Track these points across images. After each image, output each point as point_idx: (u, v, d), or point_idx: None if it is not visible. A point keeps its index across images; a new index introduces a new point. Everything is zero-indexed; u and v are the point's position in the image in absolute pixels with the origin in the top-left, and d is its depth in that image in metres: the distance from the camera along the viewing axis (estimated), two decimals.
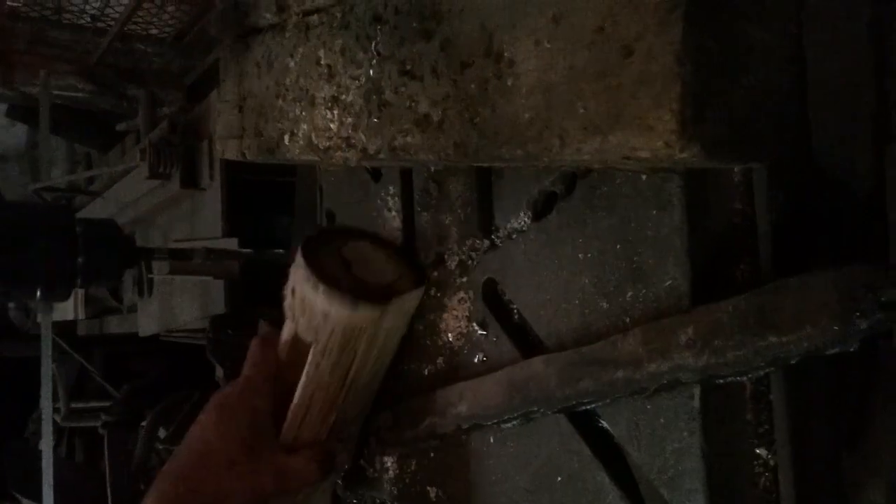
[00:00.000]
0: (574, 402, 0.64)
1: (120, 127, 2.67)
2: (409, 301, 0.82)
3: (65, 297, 0.67)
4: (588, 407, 0.64)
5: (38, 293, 0.66)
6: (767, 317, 0.49)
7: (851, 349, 0.47)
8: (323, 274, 0.76)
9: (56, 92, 2.79)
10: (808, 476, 0.54)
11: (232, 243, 1.92)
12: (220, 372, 2.18)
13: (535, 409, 0.68)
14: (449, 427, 0.78)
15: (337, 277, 0.76)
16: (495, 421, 0.72)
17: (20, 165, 3.54)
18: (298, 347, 0.82)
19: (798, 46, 0.52)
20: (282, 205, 2.08)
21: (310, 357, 0.79)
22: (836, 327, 0.46)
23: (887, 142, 0.52)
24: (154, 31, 2.89)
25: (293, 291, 0.79)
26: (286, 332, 0.84)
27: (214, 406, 0.82)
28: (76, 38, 2.87)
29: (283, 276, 2.06)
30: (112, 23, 2.67)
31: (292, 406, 0.81)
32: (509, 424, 0.72)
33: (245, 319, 2.11)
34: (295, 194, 2.07)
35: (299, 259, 0.78)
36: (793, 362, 0.49)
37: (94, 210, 2.51)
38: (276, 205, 2.13)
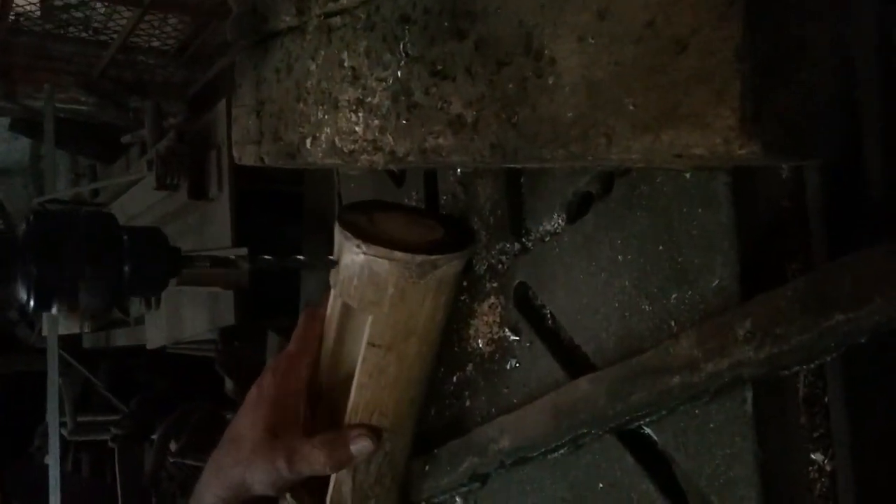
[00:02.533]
0: (627, 418, 0.62)
1: (125, 139, 2.66)
2: (454, 262, 0.79)
3: (110, 307, 0.67)
4: (642, 422, 0.62)
5: (84, 303, 0.64)
6: (830, 295, 0.47)
7: None
8: (364, 237, 0.75)
9: (59, 105, 2.78)
10: (869, 481, 0.52)
11: (241, 253, 1.90)
12: (229, 384, 2.17)
13: (585, 431, 0.66)
14: (491, 466, 0.76)
15: (379, 238, 0.75)
16: (542, 451, 0.70)
17: (24, 179, 3.53)
18: (347, 318, 0.82)
19: (848, 43, 0.51)
20: (290, 214, 2.07)
21: (367, 327, 0.77)
22: None
23: None
24: (156, 44, 2.88)
25: (336, 263, 0.78)
26: (331, 304, 0.83)
27: (249, 395, 0.84)
28: (79, 50, 2.86)
29: (292, 287, 2.04)
30: (115, 35, 2.66)
31: (353, 385, 0.80)
32: (556, 454, 0.70)
33: (254, 331, 2.10)
34: (304, 203, 2.06)
35: (337, 229, 0.77)
36: (862, 340, 0.48)
37: None
38: (285, 214, 2.12)
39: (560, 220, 0.71)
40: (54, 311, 0.65)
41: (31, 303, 0.64)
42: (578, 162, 0.54)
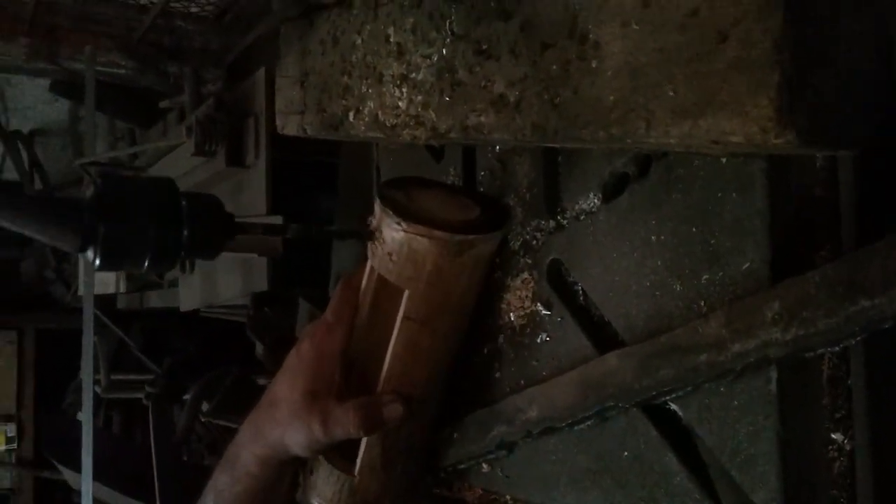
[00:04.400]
0: (654, 393, 0.64)
1: (163, 104, 2.70)
2: (491, 242, 0.81)
3: (171, 268, 0.70)
4: (668, 397, 0.64)
5: (147, 263, 0.68)
6: (857, 281, 0.49)
7: None
8: (405, 214, 0.77)
9: (99, 68, 2.82)
10: (886, 462, 0.54)
11: (277, 221, 1.93)
12: (259, 349, 2.21)
13: (612, 404, 0.68)
14: (518, 435, 0.78)
15: (419, 216, 0.77)
16: (569, 422, 0.73)
17: (62, 140, 3.58)
18: (382, 291, 0.84)
19: (886, 35, 0.52)
20: (326, 184, 2.10)
21: (404, 301, 0.79)
22: None
23: None
24: (195, 9, 2.91)
25: (377, 236, 0.80)
26: (367, 276, 0.85)
27: (288, 360, 0.87)
28: (120, 14, 2.90)
29: (323, 257, 2.07)
30: (155, 0, 2.69)
31: (388, 353, 0.82)
32: (583, 425, 0.72)
33: (285, 298, 2.14)
34: (338, 174, 2.08)
35: (377, 204, 0.79)
36: (887, 326, 0.49)
37: None
38: (319, 184, 2.14)
39: (596, 200, 0.73)
40: (121, 269, 0.68)
41: (98, 262, 0.67)
42: (617, 144, 0.56)
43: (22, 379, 3.71)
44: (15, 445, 3.74)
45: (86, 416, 2.59)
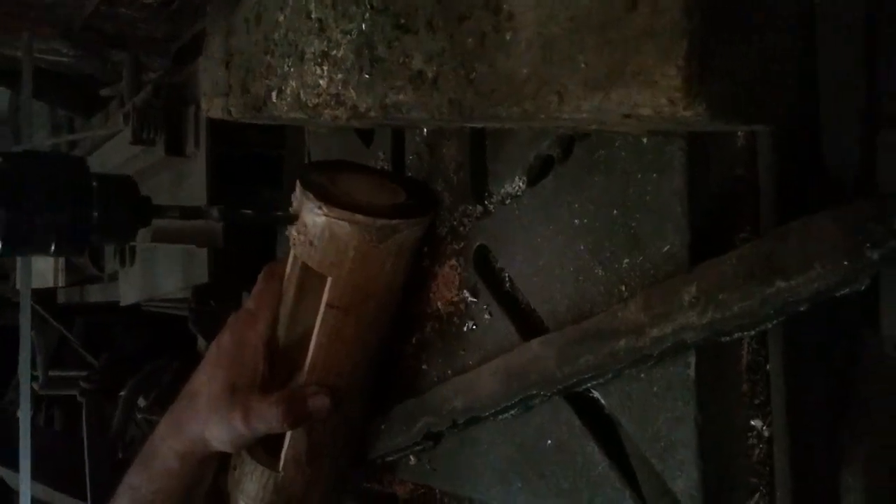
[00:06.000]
0: (575, 381, 0.62)
1: (104, 92, 2.63)
2: (416, 227, 0.79)
3: (80, 253, 0.67)
4: (589, 385, 0.62)
5: (52, 248, 0.64)
6: (773, 262, 0.48)
7: (862, 287, 0.46)
8: (326, 198, 0.75)
9: (39, 55, 2.74)
10: (803, 448, 0.53)
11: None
12: (201, 343, 2.17)
13: (535, 393, 0.66)
14: (444, 424, 0.76)
15: (341, 200, 0.75)
16: (493, 411, 0.71)
17: (2, 129, 3.48)
18: (306, 278, 0.82)
19: (808, 8, 0.51)
20: (270, 178, 2.06)
21: (327, 288, 0.77)
22: (846, 262, 0.45)
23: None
24: None
25: (297, 221, 0.77)
26: (291, 263, 0.83)
27: (209, 352, 0.85)
28: (60, 0, 2.82)
29: (267, 247, 2.03)
30: None
31: (312, 342, 0.80)
32: (507, 414, 0.70)
33: (228, 290, 2.09)
34: (283, 168, 2.05)
35: (298, 188, 0.77)
36: (802, 308, 0.48)
37: None
38: (265, 177, 2.10)
39: (521, 183, 0.71)
40: (25, 254, 0.65)
41: (1, 245, 0.63)
42: (532, 121, 0.54)
43: None
44: None
45: (23, 415, 2.52)
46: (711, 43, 0.43)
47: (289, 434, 0.83)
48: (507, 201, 0.73)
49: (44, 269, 2.68)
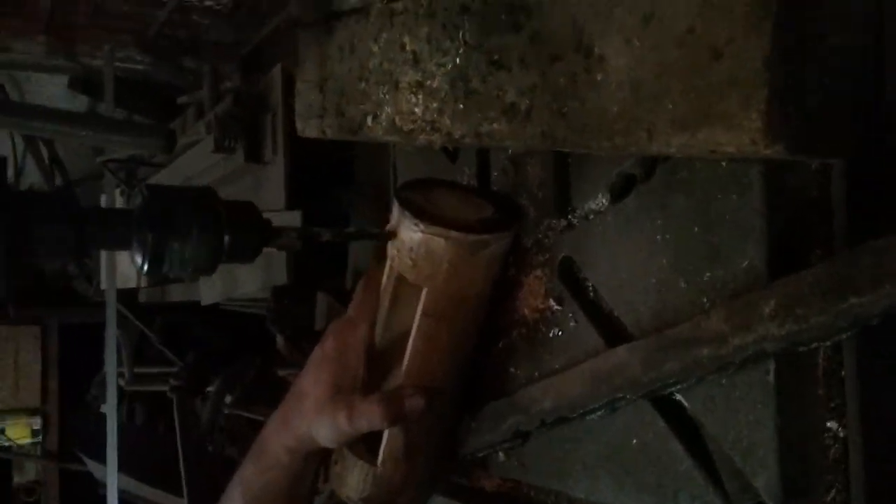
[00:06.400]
0: (660, 385, 0.68)
1: (182, 100, 2.74)
2: (504, 240, 0.85)
3: (211, 273, 0.74)
4: (674, 389, 0.68)
5: (191, 269, 0.72)
6: (847, 280, 0.52)
7: None
8: (422, 216, 0.81)
9: (117, 64, 2.87)
10: (876, 447, 0.58)
11: (295, 216, 1.97)
12: (280, 341, 2.26)
13: (621, 396, 0.72)
14: (533, 424, 0.82)
15: (435, 217, 0.81)
16: (581, 412, 0.76)
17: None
18: (401, 289, 0.88)
19: (876, 46, 0.55)
20: (341, 178, 2.14)
21: (422, 298, 0.83)
22: None
23: None
24: (209, 3, 2.95)
25: (395, 236, 0.84)
26: (387, 274, 0.89)
27: (313, 355, 0.91)
28: (135, 9, 2.94)
29: (342, 249, 2.11)
30: None
31: (408, 348, 0.86)
32: (594, 415, 0.76)
33: (305, 291, 2.18)
34: (354, 169, 2.12)
35: (396, 207, 0.83)
36: (874, 322, 0.53)
37: (159, 182, 2.59)
38: (336, 178, 2.18)
39: (604, 200, 0.77)
40: (166, 275, 0.72)
41: (146, 268, 0.71)
42: (622, 152, 0.59)
43: (46, 373, 3.77)
44: (40, 438, 3.81)
45: (110, 410, 2.65)
46: (789, 88, 0.48)
47: (387, 432, 0.90)
48: (591, 216, 0.78)
49: (127, 271, 2.81)
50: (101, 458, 2.68)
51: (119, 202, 2.77)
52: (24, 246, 0.67)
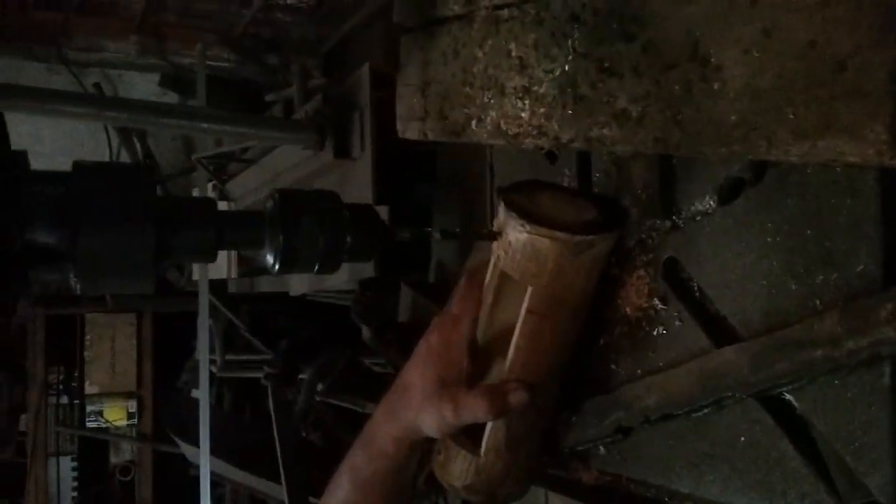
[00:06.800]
0: (769, 385, 0.69)
1: (269, 97, 2.81)
2: (608, 241, 0.86)
3: (335, 271, 0.78)
4: (783, 389, 0.69)
5: (316, 268, 0.76)
6: None
7: None
8: (528, 217, 0.83)
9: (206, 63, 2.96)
10: None
11: (382, 211, 2.02)
12: (365, 332, 2.32)
13: (728, 394, 0.73)
14: (636, 420, 0.84)
15: (540, 218, 0.83)
16: (686, 410, 0.78)
17: (172, 132, 3.76)
18: (504, 286, 0.90)
19: None
20: (423, 173, 2.18)
21: (527, 296, 0.85)
22: None
23: None
24: (292, 1, 3.02)
25: (501, 235, 0.86)
26: (491, 272, 0.92)
27: (419, 349, 0.94)
28: (222, 8, 3.03)
29: (426, 244, 2.14)
30: None
31: (512, 343, 0.88)
32: (700, 413, 0.78)
33: (390, 284, 2.23)
34: (436, 164, 2.16)
35: (502, 208, 0.85)
36: None
37: (249, 177, 2.67)
38: (420, 175, 2.22)
39: (711, 202, 0.78)
40: (294, 272, 0.77)
41: (277, 266, 0.76)
42: (737, 160, 0.61)
43: (141, 359, 3.95)
44: (135, 421, 3.99)
45: (203, 394, 2.75)
46: None
47: (490, 424, 0.93)
48: (698, 218, 0.80)
49: (219, 262, 2.90)
50: (193, 441, 2.79)
51: (211, 196, 2.86)
52: (171, 247, 0.72)
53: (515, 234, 0.85)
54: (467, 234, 0.89)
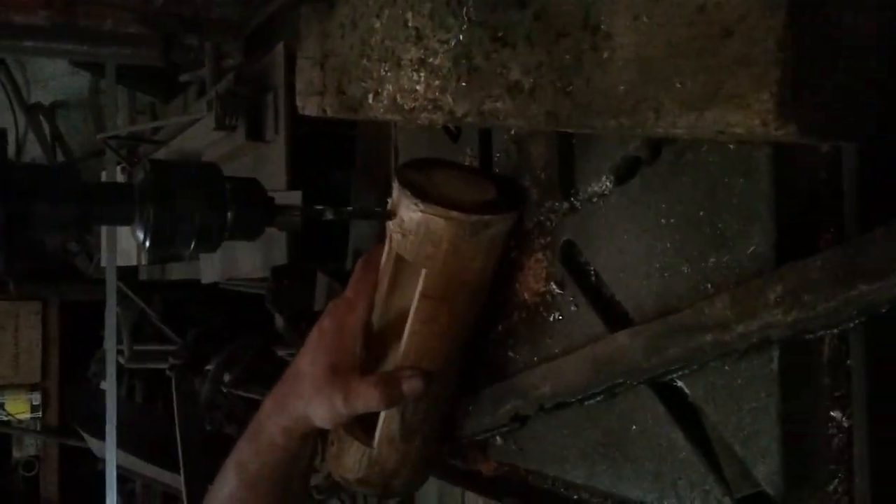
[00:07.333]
0: (661, 371, 0.67)
1: (183, 77, 2.71)
2: (506, 222, 0.83)
3: (214, 249, 0.73)
4: (674, 375, 0.67)
5: (193, 245, 0.71)
6: (857, 266, 0.51)
7: None
8: (422, 195, 0.79)
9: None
10: (882, 439, 0.57)
11: (296, 196, 1.96)
12: (279, 321, 2.26)
13: (621, 381, 0.71)
14: (531, 409, 0.81)
15: (436, 197, 0.80)
16: (580, 398, 0.76)
17: (83, 113, 3.62)
18: (400, 269, 0.87)
19: (893, 26, 0.54)
20: (342, 157, 2.13)
21: (421, 279, 0.82)
22: None
23: None
24: None
25: (394, 216, 0.82)
26: (386, 254, 0.88)
27: (311, 335, 0.90)
28: None
29: (342, 230, 2.09)
30: None
31: (406, 329, 0.85)
32: (593, 400, 0.75)
33: (305, 271, 2.17)
34: (356, 148, 2.11)
35: (396, 186, 0.82)
36: (883, 311, 0.52)
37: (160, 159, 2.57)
38: (336, 157, 2.17)
39: (608, 183, 0.75)
40: (168, 251, 0.71)
41: (147, 244, 0.70)
42: (628, 132, 0.58)
43: (47, 349, 3.79)
44: (40, 414, 3.83)
45: (109, 386, 2.65)
46: (802, 69, 0.46)
47: (383, 413, 0.89)
48: (595, 199, 0.77)
49: (128, 248, 2.80)
50: (101, 435, 2.68)
51: (120, 179, 2.76)
52: (26, 220, 0.66)
53: (409, 214, 0.81)
54: (362, 214, 0.85)
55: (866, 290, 0.51)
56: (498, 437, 0.91)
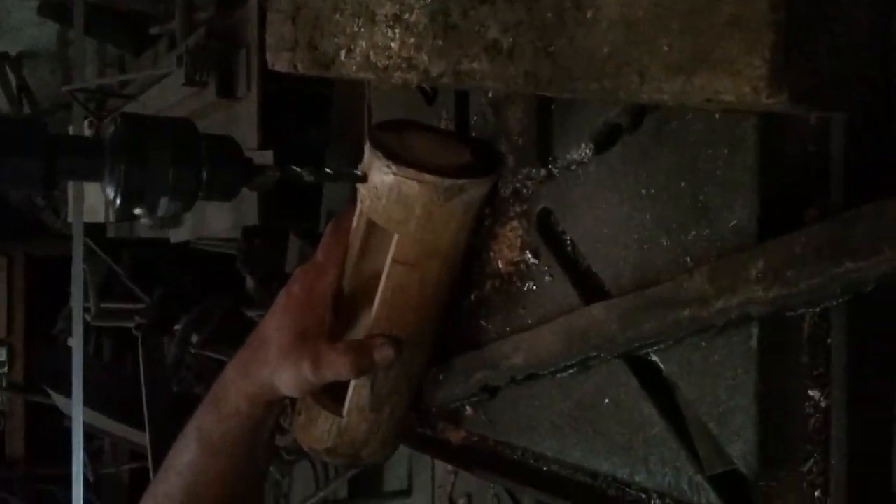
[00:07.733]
0: (636, 345, 0.65)
1: (154, 30, 2.65)
2: (481, 187, 0.81)
3: (187, 209, 0.69)
4: (650, 349, 0.65)
5: (163, 202, 0.68)
6: (843, 243, 0.49)
7: None
8: (395, 158, 0.77)
9: None
10: (859, 419, 0.55)
11: (267, 155, 1.92)
12: (249, 282, 2.22)
13: (595, 354, 0.69)
14: (502, 380, 0.79)
15: (409, 160, 0.77)
16: (552, 370, 0.74)
17: (51, 64, 3.52)
18: (372, 234, 0.85)
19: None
20: (316, 115, 2.08)
21: (393, 244, 0.80)
22: None
23: None
24: None
25: (366, 178, 0.80)
26: (357, 218, 0.85)
27: (278, 300, 0.87)
28: None
29: (316, 191, 2.06)
30: None
31: (377, 296, 0.82)
32: (566, 373, 0.73)
33: (276, 232, 2.14)
34: (332, 106, 2.07)
35: (368, 147, 0.79)
36: (868, 289, 0.50)
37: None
38: (310, 115, 2.13)
39: (587, 150, 0.73)
40: (137, 211, 0.68)
41: (117, 202, 0.67)
42: (610, 97, 0.55)
43: (12, 305, 3.73)
44: (5, 370, 3.78)
45: (76, 344, 2.61)
46: (795, 34, 0.44)
47: (353, 382, 0.86)
48: (573, 167, 0.74)
49: (96, 204, 2.74)
50: (67, 392, 2.65)
51: (87, 134, 2.69)
52: None
53: (381, 177, 0.78)
54: (338, 176, 0.82)
55: (852, 267, 0.49)
56: (468, 407, 0.89)
